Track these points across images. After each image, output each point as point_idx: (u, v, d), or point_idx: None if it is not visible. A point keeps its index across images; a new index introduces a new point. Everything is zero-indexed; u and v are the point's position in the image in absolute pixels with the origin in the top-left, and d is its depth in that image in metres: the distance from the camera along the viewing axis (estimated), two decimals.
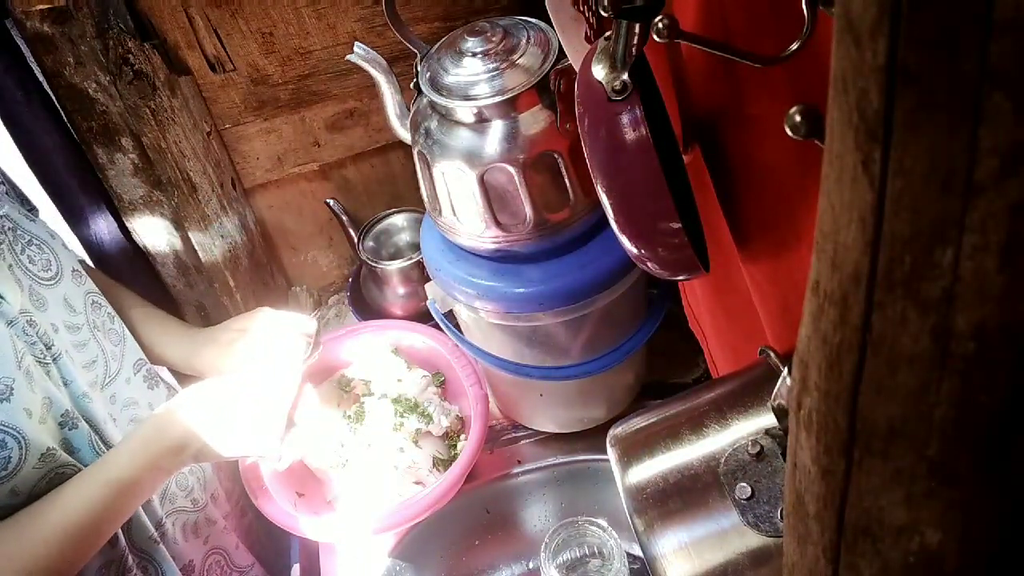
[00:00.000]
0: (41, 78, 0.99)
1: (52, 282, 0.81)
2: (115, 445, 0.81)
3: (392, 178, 1.30)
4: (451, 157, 0.79)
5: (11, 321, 0.73)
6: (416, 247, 1.24)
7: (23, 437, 0.71)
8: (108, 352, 0.85)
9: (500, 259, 0.86)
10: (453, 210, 0.83)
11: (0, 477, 0.70)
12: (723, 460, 0.52)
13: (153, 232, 1.14)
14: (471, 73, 0.77)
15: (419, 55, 0.83)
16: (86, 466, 0.78)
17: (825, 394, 0.28)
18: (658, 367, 1.12)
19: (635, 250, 0.58)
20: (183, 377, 1.13)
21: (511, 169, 0.77)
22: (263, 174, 1.23)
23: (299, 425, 0.99)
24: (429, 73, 0.80)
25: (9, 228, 0.80)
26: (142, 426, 0.80)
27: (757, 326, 0.63)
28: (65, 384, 0.78)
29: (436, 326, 1.03)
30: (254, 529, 1.12)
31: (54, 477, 0.75)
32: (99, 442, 0.80)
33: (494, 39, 0.79)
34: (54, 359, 0.77)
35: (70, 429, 0.77)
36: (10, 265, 0.77)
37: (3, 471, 0.70)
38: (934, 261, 0.22)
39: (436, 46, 0.83)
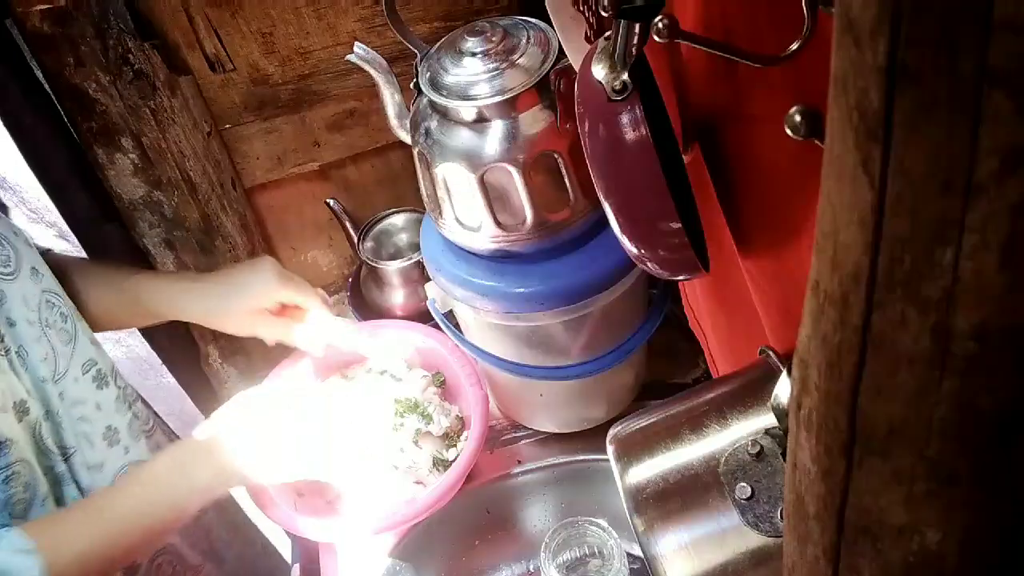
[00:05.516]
0: (41, 78, 0.99)
1: (11, 277, 0.82)
2: (65, 444, 0.82)
3: (392, 178, 1.30)
4: (451, 157, 0.79)
5: None
6: (416, 247, 1.24)
7: None
8: (58, 350, 0.85)
9: (500, 259, 0.86)
10: (453, 210, 0.83)
11: None
12: (723, 460, 0.52)
13: (153, 232, 1.14)
14: (471, 73, 0.77)
15: (419, 55, 0.83)
16: (28, 461, 0.78)
17: (825, 394, 0.28)
18: (658, 367, 1.12)
19: (635, 250, 0.58)
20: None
21: (511, 169, 0.77)
22: (263, 174, 1.23)
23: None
24: (429, 73, 0.80)
25: None
26: (177, 451, 0.82)
27: (757, 326, 0.63)
28: (18, 376, 0.79)
29: (436, 326, 1.03)
30: (213, 527, 1.10)
31: (12, 475, 0.75)
32: (42, 436, 0.80)
33: (494, 39, 0.79)
34: (6, 351, 0.78)
35: (22, 418, 0.78)
36: None
37: None
38: (934, 261, 0.22)
39: (436, 46, 0.83)
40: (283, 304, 0.98)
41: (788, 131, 0.34)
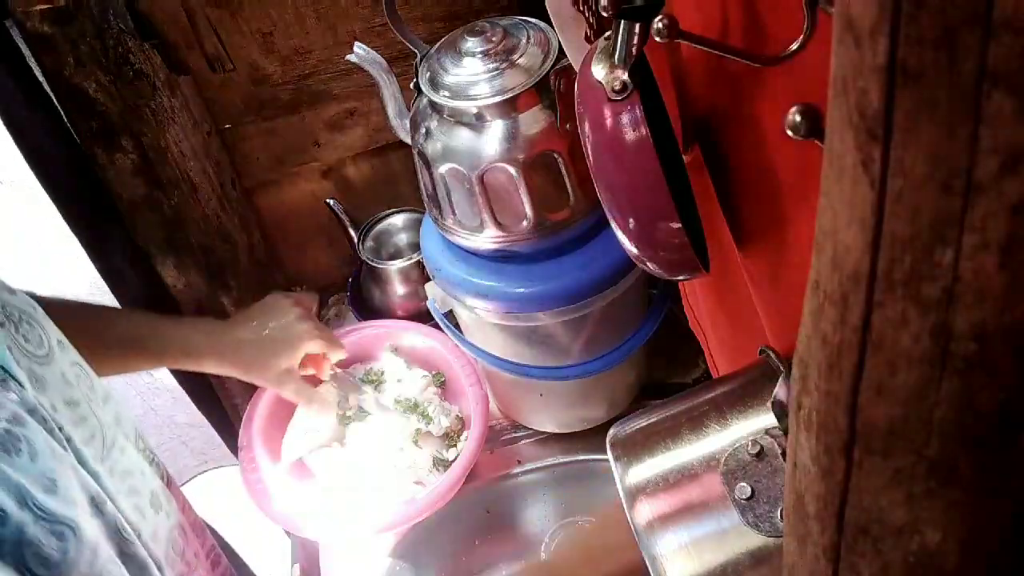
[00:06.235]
0: (41, 78, 0.99)
1: (47, 359, 0.72)
2: (131, 523, 0.73)
3: (392, 178, 1.30)
4: (451, 157, 0.79)
5: (32, 409, 0.65)
6: (416, 247, 1.24)
7: (76, 527, 0.64)
8: (103, 422, 0.77)
9: (500, 259, 0.86)
10: (453, 210, 0.83)
11: (57, 573, 0.62)
12: (723, 460, 0.52)
13: (153, 232, 1.14)
14: (471, 73, 0.77)
15: (419, 55, 0.83)
16: (122, 560, 0.69)
17: (825, 394, 0.28)
18: (658, 367, 1.12)
19: (635, 250, 0.58)
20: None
21: (511, 169, 0.77)
22: (263, 174, 1.23)
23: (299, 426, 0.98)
24: (429, 73, 0.80)
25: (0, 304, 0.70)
26: None
27: (757, 326, 0.63)
28: (82, 465, 0.70)
29: (436, 326, 1.03)
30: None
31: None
32: (125, 526, 0.71)
33: (494, 39, 0.79)
34: (68, 440, 0.69)
35: (98, 514, 0.69)
36: (9, 347, 0.67)
37: (62, 563, 0.62)
38: (934, 261, 0.22)
39: (436, 46, 0.83)
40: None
41: (788, 131, 0.34)
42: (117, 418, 0.79)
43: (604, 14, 0.54)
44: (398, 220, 1.28)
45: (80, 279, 1.54)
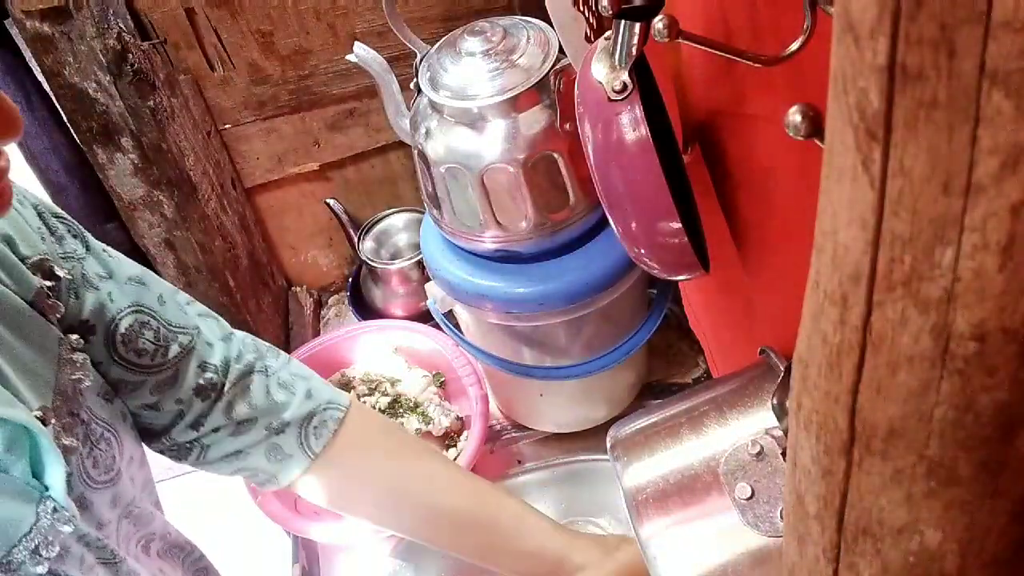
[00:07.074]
0: (41, 78, 0.99)
1: (108, 484, 0.61)
2: None
3: (392, 178, 1.30)
4: (451, 157, 0.79)
5: (80, 535, 0.56)
6: (416, 247, 1.24)
7: None
8: (148, 513, 0.68)
9: (500, 259, 0.86)
10: (453, 210, 0.83)
11: None
12: (723, 460, 0.52)
13: (153, 232, 1.14)
14: (471, 73, 0.77)
15: (419, 55, 0.83)
16: None
17: (825, 394, 0.28)
18: (658, 367, 1.12)
19: (635, 250, 0.58)
20: None
21: (511, 169, 0.77)
22: (263, 174, 1.23)
23: None
24: (429, 73, 0.80)
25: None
26: None
27: (757, 326, 0.63)
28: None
29: (436, 326, 1.03)
30: None
31: None
32: None
33: (494, 39, 0.79)
34: (114, 556, 0.59)
35: None
36: (69, 474, 0.55)
37: None
38: (934, 261, 0.22)
39: (436, 46, 0.83)
40: None
41: (788, 131, 0.34)
42: (144, 483, 0.69)
43: (604, 14, 0.54)
44: (398, 220, 1.28)
45: None
